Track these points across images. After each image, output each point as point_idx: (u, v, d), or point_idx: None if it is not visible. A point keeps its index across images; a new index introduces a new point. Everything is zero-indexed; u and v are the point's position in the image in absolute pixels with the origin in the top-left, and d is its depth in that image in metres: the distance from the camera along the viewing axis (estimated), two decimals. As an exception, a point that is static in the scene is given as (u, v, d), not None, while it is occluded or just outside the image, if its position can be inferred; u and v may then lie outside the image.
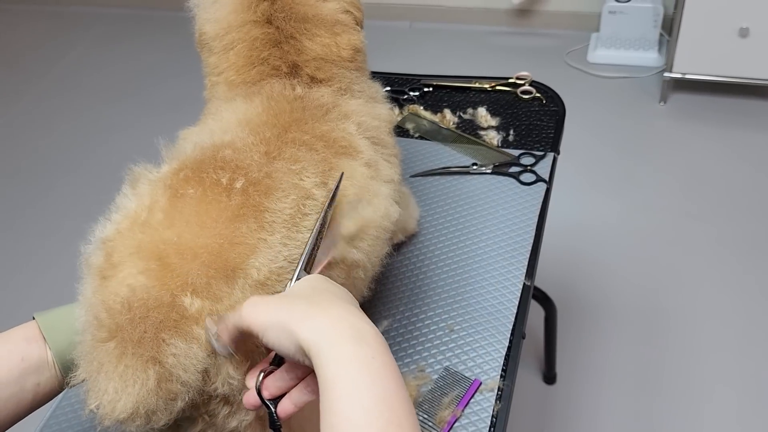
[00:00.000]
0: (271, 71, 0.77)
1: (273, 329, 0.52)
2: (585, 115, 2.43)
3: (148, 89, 2.98)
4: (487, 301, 0.94)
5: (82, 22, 3.65)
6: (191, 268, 0.57)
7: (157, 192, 0.62)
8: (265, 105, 0.73)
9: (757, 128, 2.34)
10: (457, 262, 1.00)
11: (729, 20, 2.18)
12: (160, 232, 0.59)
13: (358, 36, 0.82)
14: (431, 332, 0.91)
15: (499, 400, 0.83)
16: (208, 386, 0.57)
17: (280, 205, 0.62)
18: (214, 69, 0.81)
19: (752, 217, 2.01)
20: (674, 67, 2.35)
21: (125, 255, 0.58)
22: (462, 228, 1.05)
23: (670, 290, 1.84)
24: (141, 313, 0.54)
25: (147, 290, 0.56)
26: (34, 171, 2.65)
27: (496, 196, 1.09)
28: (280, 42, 0.77)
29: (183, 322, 0.55)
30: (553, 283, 1.79)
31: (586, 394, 1.65)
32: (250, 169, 0.63)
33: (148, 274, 0.57)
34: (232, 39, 0.78)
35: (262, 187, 0.62)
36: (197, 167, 0.64)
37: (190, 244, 0.58)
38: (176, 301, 0.56)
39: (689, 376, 1.65)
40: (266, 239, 0.60)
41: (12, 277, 2.19)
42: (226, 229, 0.59)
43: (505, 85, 1.31)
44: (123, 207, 0.62)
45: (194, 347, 0.55)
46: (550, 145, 1.17)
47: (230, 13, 0.78)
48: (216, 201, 0.61)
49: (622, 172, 2.23)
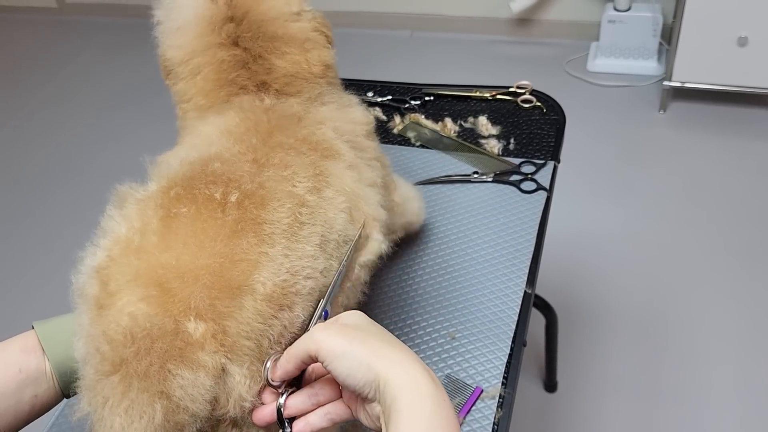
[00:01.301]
0: (239, 90, 0.76)
1: (346, 359, 0.53)
2: (585, 124, 2.44)
3: (150, 99, 2.98)
4: (488, 308, 0.94)
5: (84, 31, 3.67)
6: (193, 291, 0.55)
7: (148, 213, 0.60)
8: (241, 116, 0.72)
9: (756, 136, 2.34)
10: (458, 270, 1.01)
11: (728, 29, 2.19)
12: (156, 256, 0.57)
13: (329, 53, 0.81)
14: (432, 339, 0.92)
15: (500, 407, 0.83)
16: (218, 411, 0.56)
17: (277, 215, 0.61)
18: (182, 96, 0.79)
19: (751, 225, 2.02)
20: (673, 76, 2.36)
21: (122, 282, 0.56)
22: (463, 236, 1.06)
23: (670, 298, 1.85)
24: (145, 345, 0.53)
25: (149, 318, 0.54)
26: (35, 179, 2.66)
27: (497, 204, 1.10)
28: (247, 62, 0.76)
29: (188, 350, 0.54)
30: (554, 291, 1.80)
31: (587, 402, 1.65)
32: (242, 181, 0.62)
33: (149, 300, 0.55)
34: (198, 63, 0.76)
35: (257, 198, 0.61)
36: (188, 184, 0.62)
37: (189, 267, 0.56)
38: (180, 327, 0.54)
39: (690, 384, 1.65)
40: (267, 252, 0.59)
41: (12, 286, 2.19)
42: (226, 247, 0.58)
43: (506, 94, 1.32)
44: (111, 231, 0.60)
45: (201, 375, 0.54)
46: (550, 154, 1.18)
47: (194, 38, 0.76)
48: (212, 218, 0.59)
49: (622, 180, 2.24)
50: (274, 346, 0.58)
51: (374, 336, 0.56)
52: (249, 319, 0.56)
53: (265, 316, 0.57)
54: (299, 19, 0.79)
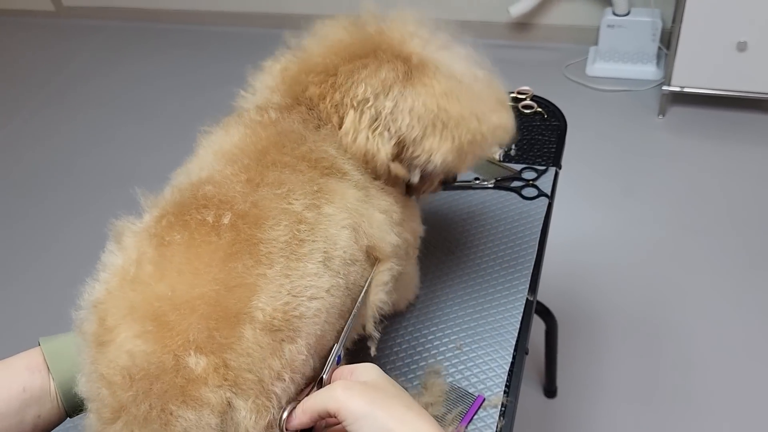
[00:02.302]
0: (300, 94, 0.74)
1: (367, 422, 0.52)
2: (584, 128, 2.44)
3: (148, 102, 2.98)
4: (490, 316, 0.94)
5: (81, 34, 3.67)
6: (191, 323, 0.53)
7: (143, 243, 0.58)
8: (242, 133, 0.69)
9: (755, 141, 2.35)
10: (460, 276, 1.00)
11: (727, 34, 2.19)
12: (152, 287, 0.55)
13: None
14: (434, 348, 0.91)
15: (502, 416, 0.82)
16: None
17: (274, 233, 0.58)
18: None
19: (751, 230, 2.02)
20: (672, 81, 2.36)
21: (119, 317, 0.54)
22: (464, 242, 1.05)
23: (670, 303, 1.84)
24: (144, 387, 0.51)
25: (147, 357, 0.52)
26: (32, 182, 2.65)
27: (499, 210, 1.10)
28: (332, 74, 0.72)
29: (190, 387, 0.51)
30: (554, 296, 1.79)
31: (586, 408, 1.64)
32: (234, 201, 0.59)
33: (146, 337, 0.52)
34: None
35: (251, 218, 0.58)
36: (179, 210, 0.60)
37: (185, 297, 0.54)
38: (180, 363, 0.52)
39: (690, 390, 1.65)
40: (266, 274, 0.56)
41: (7, 288, 2.18)
42: (221, 272, 0.55)
43: (507, 100, 1.31)
44: (110, 264, 0.58)
45: (206, 414, 0.51)
46: (551, 160, 1.17)
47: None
48: (205, 243, 0.57)
49: (621, 185, 2.24)
50: (275, 382, 0.55)
51: (395, 399, 0.55)
52: (249, 349, 0.54)
53: (264, 347, 0.54)
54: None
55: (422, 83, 0.70)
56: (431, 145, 0.70)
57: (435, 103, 0.69)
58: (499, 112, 0.74)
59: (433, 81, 0.70)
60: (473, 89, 0.72)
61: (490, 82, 0.75)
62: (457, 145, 0.70)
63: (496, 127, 0.73)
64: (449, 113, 0.69)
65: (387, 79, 0.69)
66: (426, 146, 0.70)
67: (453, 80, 0.71)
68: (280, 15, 3.32)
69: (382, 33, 0.73)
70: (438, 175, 0.77)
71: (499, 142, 0.75)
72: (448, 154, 0.70)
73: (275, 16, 3.34)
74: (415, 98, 0.69)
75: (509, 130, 0.75)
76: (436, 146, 0.70)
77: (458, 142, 0.70)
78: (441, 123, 0.69)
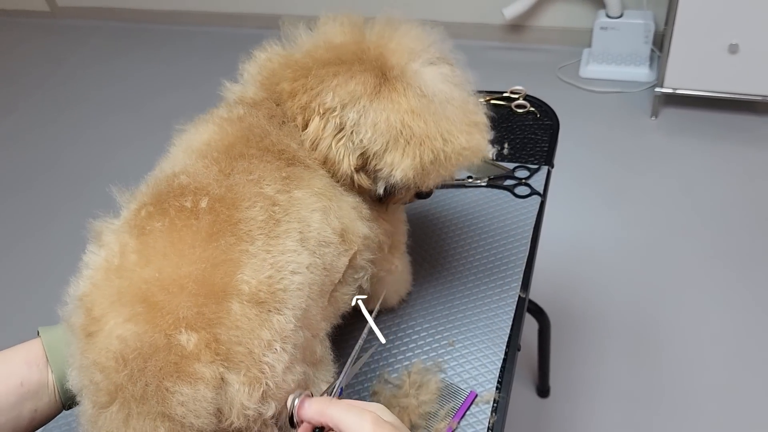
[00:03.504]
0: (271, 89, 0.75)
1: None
2: (577, 130, 2.45)
3: (143, 103, 2.98)
4: (482, 313, 0.94)
5: (77, 35, 3.66)
6: (180, 302, 0.54)
7: (124, 235, 0.59)
8: (210, 131, 0.71)
9: (746, 142, 2.36)
10: (453, 274, 1.01)
11: (719, 37, 2.21)
12: (138, 272, 0.56)
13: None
14: (427, 344, 0.92)
15: (494, 412, 0.83)
16: (223, 423, 0.55)
17: (251, 213, 0.60)
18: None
19: (743, 231, 2.03)
20: (665, 83, 2.38)
21: (106, 305, 0.55)
22: (457, 240, 1.06)
23: (662, 303, 1.85)
24: (138, 365, 0.51)
25: (139, 337, 0.52)
26: (27, 183, 2.65)
27: (491, 208, 1.10)
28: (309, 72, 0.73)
29: (184, 363, 0.52)
30: (547, 296, 1.80)
31: (579, 408, 1.65)
32: (210, 188, 0.61)
33: (137, 319, 0.53)
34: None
35: (228, 201, 0.60)
36: (157, 200, 0.61)
37: (173, 277, 0.55)
38: (172, 341, 0.52)
39: (683, 390, 1.65)
40: (248, 249, 0.58)
41: (6, 289, 2.18)
42: (205, 251, 0.57)
43: (500, 99, 1.32)
44: (92, 262, 0.59)
45: (201, 389, 0.52)
46: (544, 159, 1.18)
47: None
48: (186, 226, 0.58)
49: (614, 186, 2.25)
50: (266, 352, 0.56)
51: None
52: (238, 322, 0.55)
53: (252, 318, 0.55)
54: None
55: (390, 99, 0.70)
56: (392, 160, 0.71)
57: (399, 120, 0.70)
58: (469, 134, 0.74)
59: (401, 98, 0.70)
60: (444, 109, 0.72)
61: (466, 104, 0.75)
62: (418, 162, 0.71)
63: (463, 149, 0.73)
64: (413, 131, 0.70)
65: (355, 92, 0.70)
66: (387, 160, 0.71)
67: (423, 99, 0.71)
68: (273, 16, 3.31)
69: (376, 40, 0.74)
70: (408, 189, 0.77)
71: (465, 164, 0.75)
72: (408, 171, 0.71)
73: (268, 16, 3.34)
74: (379, 113, 0.70)
75: (479, 153, 0.75)
76: (398, 162, 0.71)
77: (419, 160, 0.71)
78: (404, 139, 0.70)
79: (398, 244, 0.86)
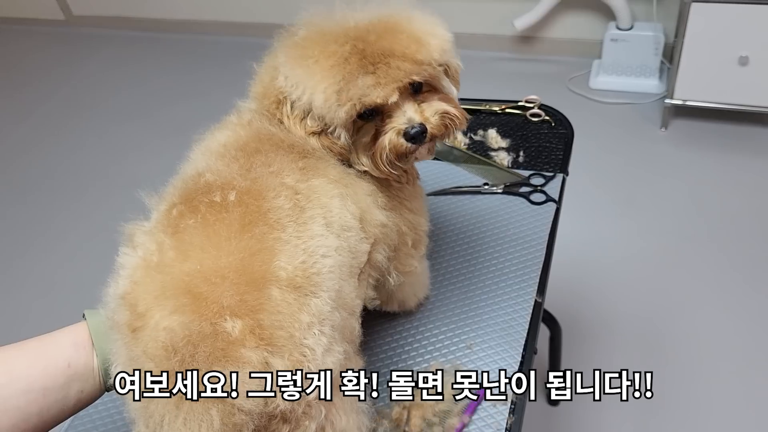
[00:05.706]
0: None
1: None
2: (587, 141, 2.46)
3: (157, 111, 3.01)
4: (499, 317, 0.96)
5: (91, 43, 3.71)
6: (223, 291, 0.56)
7: (158, 235, 0.61)
8: (225, 135, 0.74)
9: (756, 154, 2.37)
10: (470, 278, 1.02)
11: (729, 49, 2.22)
12: (178, 267, 0.58)
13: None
14: (445, 347, 0.93)
15: (512, 413, 0.84)
16: (270, 406, 0.56)
17: (278, 202, 0.63)
18: None
19: (752, 242, 2.04)
20: (675, 94, 2.39)
21: (150, 300, 0.57)
22: (474, 245, 1.07)
23: (672, 312, 1.86)
24: (189, 352, 0.53)
25: (186, 326, 0.54)
26: (41, 190, 2.68)
27: (507, 215, 1.12)
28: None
29: (231, 349, 0.54)
30: (558, 304, 1.81)
31: (589, 416, 1.66)
32: (235, 182, 0.65)
33: (182, 310, 0.55)
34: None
35: (254, 192, 0.63)
36: (186, 199, 0.64)
37: (213, 268, 0.57)
38: (218, 328, 0.54)
39: (692, 399, 1.66)
40: (280, 237, 0.61)
41: (14, 292, 2.20)
42: (241, 241, 0.59)
43: (515, 108, 1.34)
44: (127, 263, 0.61)
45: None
46: (559, 167, 1.20)
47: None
48: (219, 220, 0.61)
49: (624, 197, 2.26)
50: (306, 335, 0.58)
51: None
52: (278, 307, 0.57)
53: (291, 303, 0.58)
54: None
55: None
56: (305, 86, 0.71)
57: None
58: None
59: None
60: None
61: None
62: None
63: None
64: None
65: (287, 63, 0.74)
66: (302, 87, 0.71)
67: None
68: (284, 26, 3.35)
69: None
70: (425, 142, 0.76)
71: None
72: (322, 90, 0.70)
73: (279, 27, 3.37)
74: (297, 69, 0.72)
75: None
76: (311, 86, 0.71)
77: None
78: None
79: (421, 239, 0.87)
